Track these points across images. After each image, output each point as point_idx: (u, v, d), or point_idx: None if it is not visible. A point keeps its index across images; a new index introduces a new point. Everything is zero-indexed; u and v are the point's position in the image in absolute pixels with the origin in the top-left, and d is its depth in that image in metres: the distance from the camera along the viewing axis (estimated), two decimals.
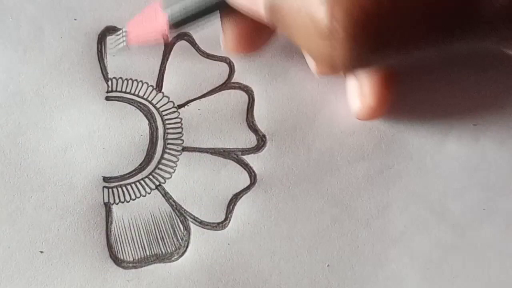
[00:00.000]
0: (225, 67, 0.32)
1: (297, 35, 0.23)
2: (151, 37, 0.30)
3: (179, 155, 0.31)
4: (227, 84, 0.32)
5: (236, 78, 0.32)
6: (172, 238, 0.30)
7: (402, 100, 0.31)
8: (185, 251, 0.30)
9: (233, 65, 0.32)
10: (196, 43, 0.32)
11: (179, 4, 0.28)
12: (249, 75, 0.32)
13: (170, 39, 0.32)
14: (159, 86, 0.32)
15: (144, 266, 0.30)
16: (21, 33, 0.32)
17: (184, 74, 0.32)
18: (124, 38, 0.31)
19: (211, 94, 0.32)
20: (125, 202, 0.30)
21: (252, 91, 0.32)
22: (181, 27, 0.29)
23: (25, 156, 0.31)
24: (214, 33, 0.31)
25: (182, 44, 0.32)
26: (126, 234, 0.30)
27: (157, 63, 0.32)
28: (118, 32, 0.32)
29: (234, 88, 0.32)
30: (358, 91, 0.30)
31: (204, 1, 0.28)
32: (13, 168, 0.30)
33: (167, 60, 0.32)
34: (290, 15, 0.23)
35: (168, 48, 0.32)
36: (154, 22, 0.29)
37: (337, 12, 0.21)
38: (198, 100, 0.32)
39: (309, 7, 0.22)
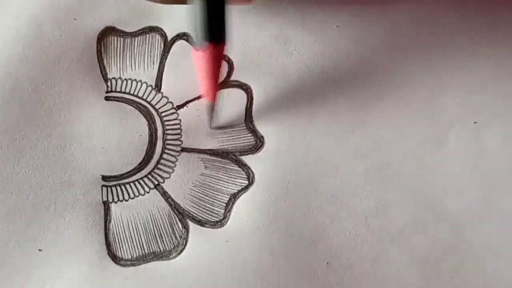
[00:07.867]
0: (224, 65, 0.32)
1: None
2: (218, 74, 0.29)
3: (178, 155, 0.31)
4: (226, 82, 0.32)
5: (235, 76, 0.32)
6: (171, 236, 0.30)
7: (402, 98, 0.32)
8: (183, 249, 0.30)
9: (232, 63, 0.32)
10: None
11: (196, 26, 0.28)
12: (248, 73, 0.32)
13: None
14: (158, 86, 0.32)
15: (142, 263, 0.29)
16: (21, 31, 0.32)
17: (183, 73, 0.32)
18: (210, 105, 0.31)
19: None
20: (123, 201, 0.30)
21: (250, 89, 0.32)
22: (221, 37, 0.28)
23: (23, 154, 0.30)
24: None
25: (180, 43, 0.32)
26: (125, 232, 0.30)
27: (156, 62, 0.32)
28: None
29: (233, 86, 0.32)
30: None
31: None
32: (11, 165, 0.30)
33: (166, 59, 0.32)
34: None
35: (166, 47, 0.32)
36: (208, 62, 0.28)
37: None
38: (197, 100, 0.32)
39: None
